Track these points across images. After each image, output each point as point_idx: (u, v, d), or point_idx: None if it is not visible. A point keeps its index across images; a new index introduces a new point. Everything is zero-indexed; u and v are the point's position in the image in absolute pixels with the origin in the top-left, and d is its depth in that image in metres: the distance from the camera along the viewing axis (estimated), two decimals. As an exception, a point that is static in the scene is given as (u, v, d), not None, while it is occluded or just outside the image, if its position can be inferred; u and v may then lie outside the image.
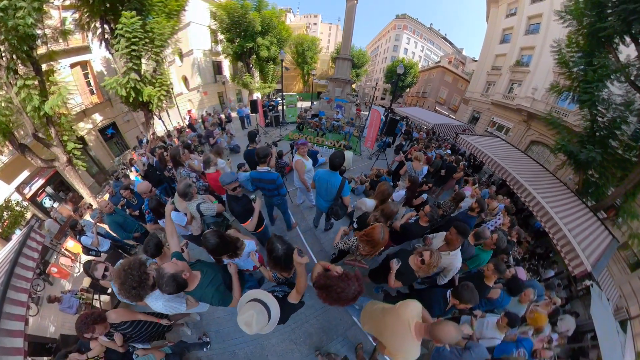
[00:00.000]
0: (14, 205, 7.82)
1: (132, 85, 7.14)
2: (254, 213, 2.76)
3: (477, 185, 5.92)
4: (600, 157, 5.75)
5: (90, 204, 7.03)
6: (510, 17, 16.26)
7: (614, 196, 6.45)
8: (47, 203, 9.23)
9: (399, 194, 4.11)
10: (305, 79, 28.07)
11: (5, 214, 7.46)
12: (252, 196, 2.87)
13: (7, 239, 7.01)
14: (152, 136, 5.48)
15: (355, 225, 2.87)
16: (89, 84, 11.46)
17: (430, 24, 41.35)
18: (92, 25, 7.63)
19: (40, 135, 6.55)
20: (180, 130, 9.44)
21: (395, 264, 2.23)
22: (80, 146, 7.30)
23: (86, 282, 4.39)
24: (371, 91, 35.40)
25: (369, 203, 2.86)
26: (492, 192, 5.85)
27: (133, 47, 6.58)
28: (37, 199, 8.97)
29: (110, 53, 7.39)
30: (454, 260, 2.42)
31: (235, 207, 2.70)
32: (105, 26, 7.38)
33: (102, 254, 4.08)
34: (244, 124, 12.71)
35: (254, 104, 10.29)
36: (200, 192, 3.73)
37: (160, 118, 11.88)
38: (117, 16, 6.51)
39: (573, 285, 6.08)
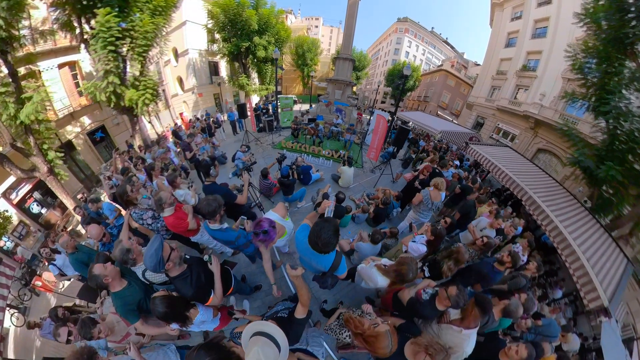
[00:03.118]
0: None
1: (112, 89, 6.64)
2: (215, 280, 2.03)
3: (500, 216, 4.80)
4: (620, 177, 5.23)
5: (64, 227, 6.60)
6: (516, 21, 15.79)
7: (631, 217, 6.00)
8: (35, 209, 9.05)
9: (418, 248, 2.95)
10: (305, 81, 27.67)
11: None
12: (205, 257, 2.08)
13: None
14: (116, 154, 4.93)
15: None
16: (77, 85, 11.02)
17: (432, 28, 41.09)
18: (71, 24, 7.10)
19: (18, 144, 6.17)
20: (158, 142, 8.69)
21: None
22: (62, 155, 6.96)
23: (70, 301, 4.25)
24: (371, 94, 34.95)
25: (381, 282, 2.21)
26: (507, 214, 5.30)
27: (110, 47, 6.06)
28: (25, 204, 8.74)
29: (89, 55, 6.88)
30: (465, 342, 1.87)
31: (185, 289, 1.85)
32: (85, 26, 6.87)
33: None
34: (235, 129, 11.93)
35: (242, 108, 9.28)
36: (162, 233, 3.07)
37: (149, 122, 11.44)
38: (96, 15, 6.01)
39: (579, 300, 5.69)
